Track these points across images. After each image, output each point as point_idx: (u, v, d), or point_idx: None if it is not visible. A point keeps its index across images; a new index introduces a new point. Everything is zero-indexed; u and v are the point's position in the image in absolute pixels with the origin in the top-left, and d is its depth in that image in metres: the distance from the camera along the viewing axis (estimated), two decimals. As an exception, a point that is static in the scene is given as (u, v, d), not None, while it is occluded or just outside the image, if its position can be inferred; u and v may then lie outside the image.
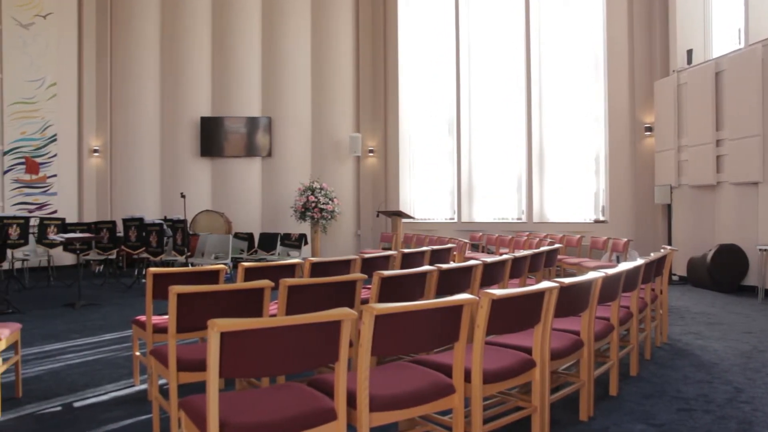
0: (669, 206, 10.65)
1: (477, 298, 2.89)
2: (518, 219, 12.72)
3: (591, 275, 3.72)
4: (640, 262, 4.66)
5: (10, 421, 3.82)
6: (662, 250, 5.72)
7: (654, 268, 5.18)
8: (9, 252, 9.60)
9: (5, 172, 12.06)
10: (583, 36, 12.02)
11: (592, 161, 11.96)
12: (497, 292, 2.91)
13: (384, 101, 14.13)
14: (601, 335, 3.96)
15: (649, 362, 4.99)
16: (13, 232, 9.76)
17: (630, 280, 4.35)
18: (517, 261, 5.49)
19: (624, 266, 4.26)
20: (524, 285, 5.55)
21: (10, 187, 12.13)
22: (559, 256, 8.21)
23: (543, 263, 6.46)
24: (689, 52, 10.24)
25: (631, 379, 4.49)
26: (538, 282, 5.42)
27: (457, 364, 2.85)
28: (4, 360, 4.06)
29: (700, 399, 4.04)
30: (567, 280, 3.38)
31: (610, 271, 3.93)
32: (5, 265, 9.06)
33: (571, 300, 3.48)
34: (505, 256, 5.35)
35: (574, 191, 12.17)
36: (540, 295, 3.18)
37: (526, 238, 9.98)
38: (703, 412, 3.78)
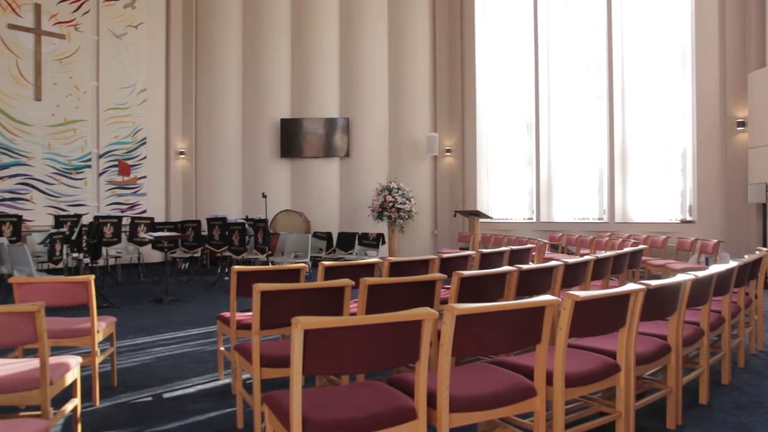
0: (764, 205, 10.05)
1: (559, 299, 2.83)
2: (599, 219, 12.34)
3: (679, 277, 3.57)
4: (732, 264, 4.42)
5: (108, 408, 4.04)
6: (757, 252, 5.41)
7: (748, 271, 4.91)
8: (104, 249, 10.14)
9: (100, 174, 12.77)
10: (669, 27, 11.52)
11: (679, 158, 11.44)
12: (580, 293, 2.83)
13: (461, 100, 14.04)
14: (690, 340, 3.79)
15: (743, 370, 4.73)
16: (108, 230, 10.32)
17: (722, 283, 4.14)
18: (599, 262, 5.33)
19: (715, 268, 4.05)
20: (607, 287, 5.38)
21: (105, 188, 12.84)
22: (643, 258, 7.90)
23: (626, 265, 6.24)
24: (787, 42, 9.65)
25: (722, 388, 4.27)
26: (621, 284, 5.24)
27: (539, 367, 2.80)
28: (101, 351, 4.30)
29: (800, 411, 3.81)
30: (654, 283, 3.25)
31: (701, 274, 3.75)
32: (100, 262, 9.58)
33: (659, 303, 3.35)
34: (586, 257, 5.20)
35: (659, 190, 11.68)
36: (625, 297, 3.08)
37: (608, 238, 9.67)
38: (803, 425, 3.56)
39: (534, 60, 13.04)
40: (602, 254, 5.57)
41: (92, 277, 4.10)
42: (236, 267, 4.20)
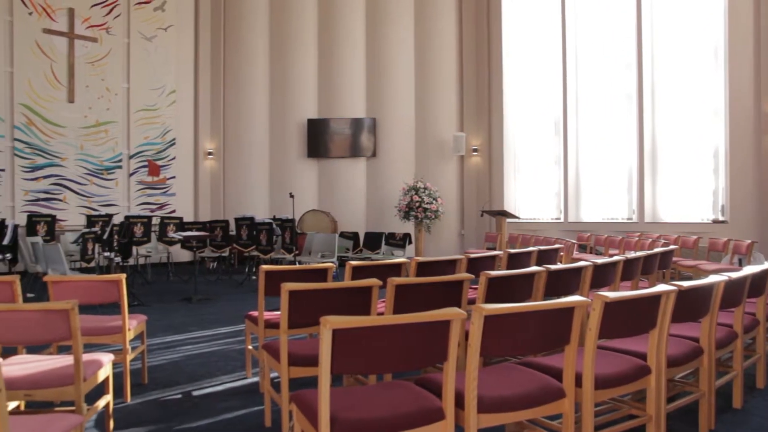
0: (799, 205, 9.82)
1: (589, 300, 2.81)
2: (628, 219, 12.17)
3: (712, 279, 3.50)
4: (767, 265, 4.33)
5: (138, 405, 4.11)
6: (793, 253, 5.29)
7: (784, 272, 4.79)
8: (134, 249, 10.30)
9: (131, 175, 12.98)
10: (701, 21, 11.29)
11: (710, 157, 11.22)
12: (610, 294, 2.80)
13: (488, 100, 13.96)
14: (723, 343, 3.71)
15: (778, 374, 4.63)
16: (138, 230, 10.49)
17: (756, 284, 4.05)
18: (628, 262, 5.25)
19: (749, 270, 3.97)
20: (636, 288, 5.31)
21: (135, 188, 13.05)
22: (674, 258, 7.78)
23: (657, 265, 6.14)
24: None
25: (757, 392, 4.19)
26: (651, 285, 5.17)
27: (568, 368, 2.77)
28: (132, 348, 4.37)
29: (838, 416, 3.71)
30: (686, 284, 3.20)
31: (734, 275, 3.68)
32: (131, 261, 9.74)
33: (690, 304, 3.29)
34: (616, 258, 5.13)
35: (690, 189, 11.47)
36: (656, 298, 3.03)
37: (637, 238, 9.53)
38: (842, 431, 3.47)
39: (562, 58, 12.91)
40: (632, 255, 5.49)
41: (124, 275, 4.17)
42: (264, 266, 4.24)
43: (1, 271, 8.98)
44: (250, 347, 4.71)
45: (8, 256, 8.81)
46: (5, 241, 8.72)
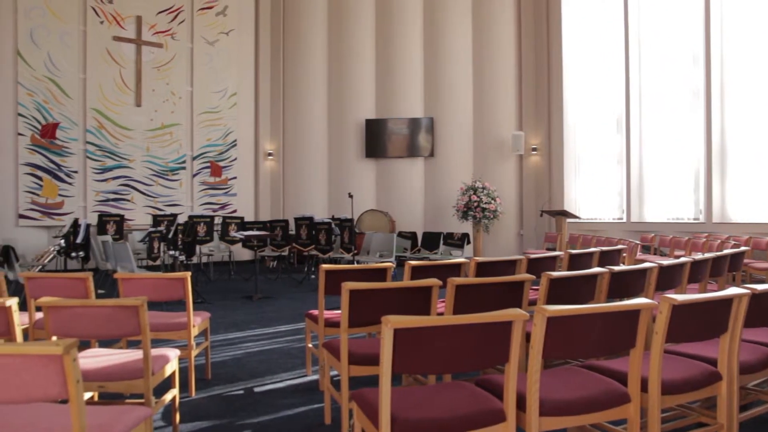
0: None
1: (655, 302, 2.72)
2: (695, 219, 11.74)
3: (789, 282, 3.34)
4: None
5: (203, 400, 4.22)
6: None
7: None
8: (197, 247, 10.59)
9: (194, 175, 13.36)
10: (774, 16, 10.80)
11: (786, 154, 10.71)
12: (678, 297, 2.71)
13: (548, 98, 13.73)
14: (801, 350, 3.53)
15: None
16: (201, 229, 10.78)
17: (837, 288, 3.84)
18: (696, 264, 5.06)
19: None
20: (704, 291, 5.12)
21: (198, 188, 13.42)
22: (745, 260, 7.46)
23: (726, 268, 5.90)
24: None
25: (837, 401, 3.97)
26: (720, 288, 4.97)
27: (634, 372, 2.70)
28: (197, 345, 4.49)
29: None
30: (760, 287, 3.06)
31: (813, 278, 3.50)
32: (194, 259, 10.02)
33: (765, 309, 3.15)
34: (682, 259, 4.95)
35: (762, 188, 10.97)
36: (727, 302, 2.91)
37: (705, 239, 9.18)
38: None
39: (624, 52, 12.54)
40: (699, 256, 5.29)
41: (189, 273, 4.28)
42: (324, 266, 4.28)
43: (74, 268, 9.39)
44: (310, 345, 4.77)
45: (81, 253, 9.20)
46: (78, 240, 9.11)
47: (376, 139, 14.04)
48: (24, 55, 11.49)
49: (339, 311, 3.61)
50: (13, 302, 3.07)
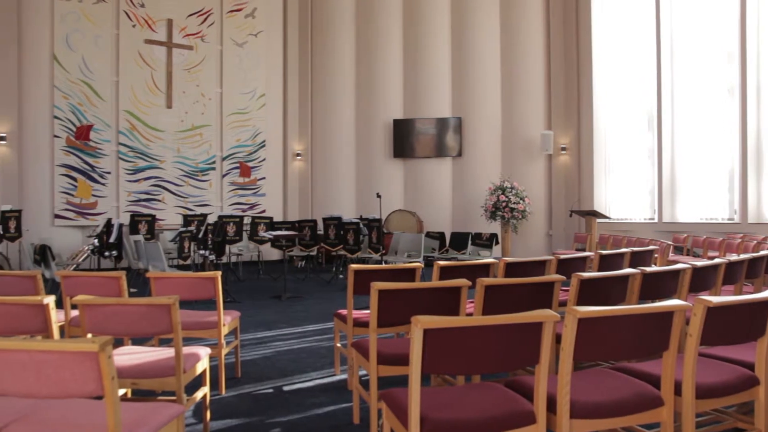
0: None
1: (689, 304, 2.67)
2: (729, 219, 11.49)
3: (829, 284, 3.26)
4: None
5: (232, 398, 4.26)
6: None
7: None
8: (227, 247, 10.71)
9: (224, 176, 13.51)
10: (812, 11, 10.53)
11: (824, 154, 10.43)
12: (713, 298, 2.65)
13: (577, 96, 13.58)
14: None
15: None
16: (230, 229, 10.89)
17: None
18: (731, 266, 4.95)
19: None
20: (740, 293, 5.01)
21: (228, 189, 13.57)
22: (782, 262, 7.27)
23: (763, 269, 5.76)
24: None
25: None
26: (756, 290, 4.86)
27: (667, 375, 2.65)
28: (227, 343, 4.54)
29: None
30: (798, 289, 2.99)
31: None
32: (224, 259, 10.13)
33: (804, 311, 3.07)
34: (717, 260, 4.85)
35: (801, 188, 10.71)
36: (764, 304, 2.84)
37: (740, 240, 8.97)
38: None
39: (656, 49, 12.33)
40: (734, 257, 5.18)
41: (219, 273, 4.33)
42: (353, 266, 4.29)
43: (107, 267, 9.57)
44: (338, 345, 4.78)
45: (114, 253, 9.37)
46: (111, 239, 9.28)
47: (403, 139, 14.04)
48: (60, 59, 11.75)
49: (367, 311, 3.62)
50: (50, 300, 3.14)
